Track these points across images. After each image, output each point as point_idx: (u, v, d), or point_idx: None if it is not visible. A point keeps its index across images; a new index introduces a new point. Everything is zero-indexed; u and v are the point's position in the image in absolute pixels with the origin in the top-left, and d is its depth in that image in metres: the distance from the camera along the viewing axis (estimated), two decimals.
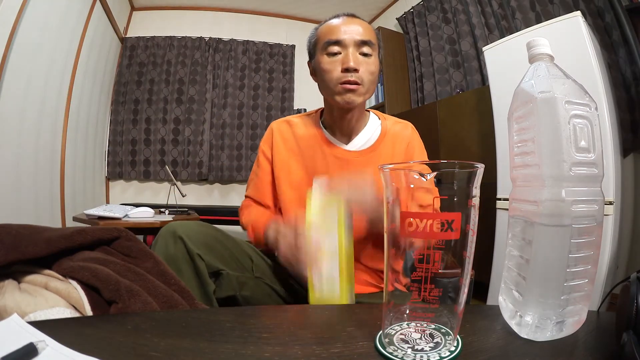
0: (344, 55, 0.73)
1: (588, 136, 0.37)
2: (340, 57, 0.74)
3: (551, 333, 0.37)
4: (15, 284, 0.42)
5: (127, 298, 0.42)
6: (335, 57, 0.74)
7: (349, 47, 0.73)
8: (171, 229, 0.62)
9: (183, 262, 0.60)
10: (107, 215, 1.68)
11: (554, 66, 0.40)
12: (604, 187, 0.42)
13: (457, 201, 0.32)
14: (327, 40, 0.75)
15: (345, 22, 0.76)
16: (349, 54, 0.73)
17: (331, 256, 0.57)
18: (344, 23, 0.75)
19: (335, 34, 0.74)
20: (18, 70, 1.88)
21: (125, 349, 0.32)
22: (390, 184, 0.34)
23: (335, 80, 0.74)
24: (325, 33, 0.76)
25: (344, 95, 0.73)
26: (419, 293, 0.33)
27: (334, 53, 0.74)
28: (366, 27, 0.76)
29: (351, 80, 0.72)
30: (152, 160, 3.41)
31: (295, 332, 0.39)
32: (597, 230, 0.38)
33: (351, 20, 0.76)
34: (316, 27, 0.81)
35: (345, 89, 0.73)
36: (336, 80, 0.74)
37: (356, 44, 0.73)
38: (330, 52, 0.74)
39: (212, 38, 3.57)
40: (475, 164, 0.32)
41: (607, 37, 1.78)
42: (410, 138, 0.83)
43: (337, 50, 0.74)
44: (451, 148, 2.26)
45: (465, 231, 0.32)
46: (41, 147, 2.19)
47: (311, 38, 0.82)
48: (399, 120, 0.87)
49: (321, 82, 0.78)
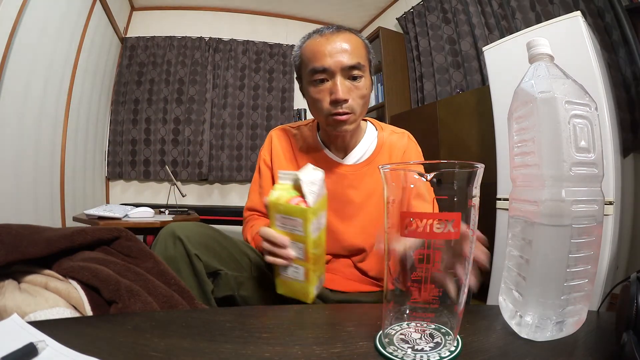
0: (332, 85, 0.68)
1: (588, 136, 0.37)
2: (327, 86, 0.69)
3: (551, 333, 0.37)
4: (15, 284, 0.42)
5: (127, 298, 0.42)
6: (323, 84, 0.69)
7: (337, 74, 0.68)
8: (170, 230, 0.62)
9: (182, 263, 0.61)
10: (107, 215, 1.68)
11: (554, 66, 0.40)
12: (604, 187, 0.42)
13: (457, 201, 0.32)
14: (312, 68, 0.69)
15: (329, 42, 0.68)
16: (337, 84, 0.68)
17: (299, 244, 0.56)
18: (328, 44, 0.68)
19: (319, 60, 0.68)
20: (18, 70, 1.88)
21: (125, 349, 0.32)
22: (389, 184, 0.34)
23: (325, 112, 0.70)
24: (310, 58, 0.70)
25: (335, 126, 0.71)
26: (419, 293, 0.33)
27: (320, 80, 0.69)
28: (354, 44, 0.70)
29: (341, 111, 0.69)
30: (152, 160, 3.41)
31: (295, 332, 0.39)
32: (597, 230, 0.38)
33: (336, 38, 0.69)
34: (299, 45, 0.74)
35: (336, 120, 0.70)
36: (326, 112, 0.70)
37: (344, 69, 0.68)
38: (316, 80, 0.69)
39: (212, 38, 3.57)
40: (475, 164, 0.32)
41: (607, 37, 1.78)
42: (406, 147, 0.82)
43: (324, 77, 0.69)
44: (451, 148, 2.26)
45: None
46: (41, 147, 2.19)
47: (295, 59, 0.76)
48: (396, 130, 0.85)
49: (311, 108, 0.75)
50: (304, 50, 0.72)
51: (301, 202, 0.54)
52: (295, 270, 0.58)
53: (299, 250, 0.56)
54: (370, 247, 0.77)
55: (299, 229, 0.54)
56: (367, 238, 0.76)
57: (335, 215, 0.76)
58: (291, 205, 0.54)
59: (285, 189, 0.56)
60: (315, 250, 0.56)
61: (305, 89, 0.73)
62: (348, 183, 0.77)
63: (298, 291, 0.59)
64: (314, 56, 0.69)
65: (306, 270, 0.57)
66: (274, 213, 0.56)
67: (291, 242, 0.56)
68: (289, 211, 0.55)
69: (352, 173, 0.78)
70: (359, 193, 0.77)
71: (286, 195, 0.55)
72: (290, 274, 0.58)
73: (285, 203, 0.55)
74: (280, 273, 0.60)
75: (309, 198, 0.53)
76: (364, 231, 0.76)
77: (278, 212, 0.56)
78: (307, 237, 0.54)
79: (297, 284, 0.58)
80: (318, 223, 0.57)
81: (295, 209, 0.54)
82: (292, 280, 0.59)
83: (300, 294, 0.59)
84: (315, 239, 0.56)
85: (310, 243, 0.55)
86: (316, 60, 0.68)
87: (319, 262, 0.60)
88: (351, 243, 0.77)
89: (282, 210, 0.55)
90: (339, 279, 0.77)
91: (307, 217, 0.53)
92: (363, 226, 0.76)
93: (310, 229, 0.54)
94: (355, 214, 0.77)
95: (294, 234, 0.55)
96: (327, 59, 0.67)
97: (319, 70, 0.68)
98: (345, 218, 0.77)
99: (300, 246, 0.56)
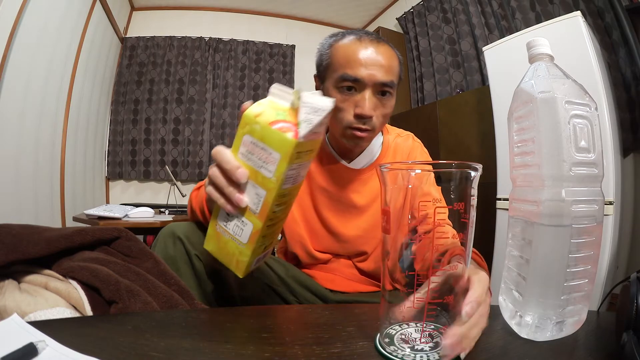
0: (360, 99, 0.64)
1: (588, 136, 0.37)
2: (354, 97, 0.65)
3: (551, 333, 0.37)
4: (15, 284, 0.42)
5: (127, 298, 0.42)
6: (350, 93, 0.65)
7: (367, 88, 0.64)
8: (170, 230, 0.62)
9: (182, 263, 0.60)
10: (107, 215, 1.68)
11: (554, 66, 0.40)
12: (604, 187, 0.42)
13: (455, 201, 0.32)
14: (343, 74, 0.64)
15: (367, 52, 0.64)
16: (365, 99, 0.63)
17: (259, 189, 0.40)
18: (366, 54, 0.63)
19: (353, 69, 0.63)
20: (18, 70, 1.88)
21: (125, 349, 0.32)
22: (388, 184, 0.34)
23: (346, 123, 0.66)
24: (342, 62, 0.65)
25: (351, 140, 0.68)
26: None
27: (348, 88, 0.64)
28: (391, 60, 0.65)
29: (362, 127, 0.65)
30: (152, 160, 3.41)
31: (295, 332, 0.39)
32: (597, 230, 0.38)
33: (376, 49, 0.64)
34: (330, 43, 0.69)
35: (354, 135, 0.66)
36: (346, 124, 0.66)
37: (376, 85, 0.64)
38: (343, 87, 0.65)
39: (212, 38, 3.57)
40: (473, 164, 0.32)
41: (607, 37, 1.78)
42: (411, 148, 0.81)
43: (353, 86, 0.64)
44: (451, 148, 2.26)
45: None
46: (41, 147, 2.19)
47: (323, 57, 0.69)
48: (401, 132, 0.84)
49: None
50: (336, 51, 0.67)
51: (288, 129, 0.38)
52: (239, 224, 0.42)
53: (256, 199, 0.40)
54: (372, 249, 0.77)
55: (270, 167, 0.38)
56: (369, 241, 0.76)
57: (339, 218, 0.76)
58: (272, 130, 0.38)
59: (273, 108, 0.40)
60: (277, 207, 0.41)
61: (327, 91, 0.68)
62: (353, 187, 0.77)
63: (230, 255, 0.44)
64: (347, 62, 0.64)
65: (254, 231, 0.41)
66: (244, 132, 0.40)
67: (250, 183, 0.40)
68: (265, 136, 0.38)
69: (357, 177, 0.77)
70: (363, 197, 0.77)
71: (272, 114, 0.39)
72: (231, 227, 0.42)
73: (264, 123, 0.38)
74: (217, 221, 0.44)
75: (302, 127, 0.37)
76: (367, 234, 0.76)
77: (250, 132, 0.39)
78: (276, 182, 0.38)
79: (234, 245, 0.43)
80: (297, 171, 0.41)
81: (276, 136, 0.37)
82: (229, 238, 0.43)
83: (232, 261, 0.44)
84: (284, 190, 0.40)
85: (276, 193, 0.39)
86: (349, 67, 0.64)
87: (275, 228, 0.44)
88: (354, 245, 0.77)
89: (256, 132, 0.39)
90: (339, 279, 0.77)
91: (288, 152, 0.37)
92: (366, 229, 0.76)
93: (284, 172, 0.38)
94: (358, 217, 0.77)
95: (259, 173, 0.39)
96: (362, 69, 0.63)
97: (350, 79, 0.64)
98: (349, 221, 0.76)
99: (260, 193, 0.40)
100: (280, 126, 0.38)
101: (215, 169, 0.42)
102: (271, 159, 0.38)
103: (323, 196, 0.76)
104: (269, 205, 0.39)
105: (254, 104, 0.40)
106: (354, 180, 0.77)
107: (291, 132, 0.37)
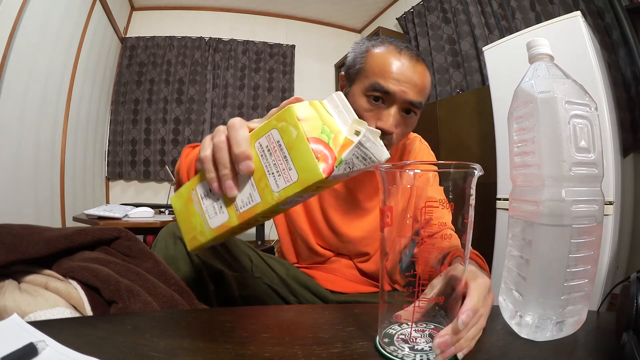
0: (385, 113, 0.63)
1: (588, 136, 0.37)
2: (379, 109, 0.64)
3: (551, 333, 0.37)
4: (15, 284, 0.42)
5: (127, 298, 0.42)
6: (376, 104, 0.64)
7: (395, 104, 0.63)
8: (170, 230, 0.62)
9: (182, 263, 0.60)
10: (107, 215, 1.68)
11: (554, 66, 0.40)
12: (604, 187, 0.42)
13: (453, 201, 0.32)
14: (374, 84, 0.62)
15: (404, 67, 0.62)
16: (390, 114, 0.63)
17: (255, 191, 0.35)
18: (402, 69, 0.62)
19: (386, 81, 0.62)
20: (18, 70, 1.88)
21: (125, 349, 0.32)
22: (387, 184, 0.34)
23: None
24: (376, 71, 0.63)
25: None
26: (416, 293, 0.33)
27: (375, 98, 0.63)
28: (425, 81, 0.65)
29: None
30: (152, 160, 3.41)
31: (295, 332, 0.39)
32: (597, 230, 0.38)
33: (412, 67, 0.63)
34: (367, 48, 0.66)
35: None
36: None
37: (404, 103, 0.63)
38: (371, 96, 0.63)
39: (212, 38, 3.57)
40: (472, 164, 0.32)
41: (607, 37, 1.78)
42: (418, 151, 0.81)
43: (381, 97, 0.63)
44: (451, 148, 2.26)
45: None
46: (41, 147, 2.19)
47: (357, 59, 0.67)
48: (409, 135, 0.83)
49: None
50: (372, 58, 0.65)
51: (324, 159, 0.31)
52: (216, 208, 0.37)
53: (246, 200, 0.35)
54: (374, 251, 0.77)
55: (279, 181, 0.33)
56: (372, 242, 0.76)
57: (343, 218, 0.76)
58: (307, 147, 0.31)
59: (323, 120, 0.33)
60: (262, 217, 0.37)
61: (353, 94, 0.66)
62: (360, 187, 0.77)
63: (191, 227, 0.40)
64: (381, 72, 0.63)
65: (227, 224, 0.37)
66: (276, 126, 0.33)
67: (250, 180, 0.35)
68: (296, 148, 0.32)
69: (365, 178, 0.77)
70: (369, 198, 0.77)
71: (316, 127, 0.32)
72: (206, 204, 0.38)
73: (303, 134, 0.31)
74: (196, 187, 0.39)
75: (340, 167, 0.32)
76: (371, 235, 0.76)
77: (282, 132, 0.33)
78: (277, 200, 0.33)
79: (200, 221, 0.39)
80: (304, 198, 0.36)
81: (306, 158, 0.31)
82: (198, 211, 0.39)
83: (189, 231, 0.40)
84: (279, 209, 0.35)
85: (269, 209, 0.34)
86: (382, 78, 0.62)
87: (249, 228, 0.39)
88: (356, 246, 0.77)
89: (289, 136, 0.32)
90: (339, 279, 0.77)
91: (309, 182, 0.31)
92: (370, 231, 0.76)
93: (291, 196, 0.33)
94: (363, 218, 0.77)
95: (265, 179, 0.34)
96: (395, 84, 0.62)
97: (381, 90, 0.62)
98: (353, 221, 0.77)
99: (254, 198, 0.35)
100: (318, 149, 0.31)
101: (224, 139, 0.36)
102: (286, 175, 0.32)
103: (330, 195, 0.76)
104: (255, 213, 0.35)
105: (304, 102, 0.34)
106: (361, 180, 0.77)
107: (325, 164, 0.31)
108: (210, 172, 0.36)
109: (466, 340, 0.32)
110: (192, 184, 0.40)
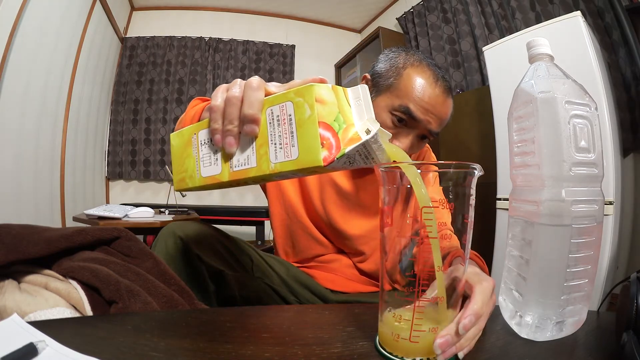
0: (404, 135, 0.65)
1: (588, 136, 0.37)
2: (399, 130, 0.65)
3: (551, 333, 0.37)
4: (15, 284, 0.42)
5: (127, 298, 0.42)
6: (399, 124, 0.65)
7: (417, 129, 0.65)
8: (171, 230, 0.62)
9: (182, 262, 0.60)
10: (107, 215, 1.68)
11: (554, 66, 0.40)
12: (604, 187, 0.42)
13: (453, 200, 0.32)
14: (405, 107, 0.63)
15: (434, 98, 0.64)
16: (408, 138, 0.65)
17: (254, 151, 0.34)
18: (432, 99, 0.64)
19: (414, 106, 0.63)
20: (18, 70, 1.88)
21: (125, 349, 0.32)
22: (387, 184, 0.34)
23: None
24: (409, 94, 0.64)
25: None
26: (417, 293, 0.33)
27: (399, 119, 0.65)
28: (448, 114, 0.68)
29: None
30: (152, 160, 3.41)
31: (295, 332, 0.39)
32: (597, 230, 0.38)
33: (444, 101, 0.65)
34: (405, 64, 0.66)
35: None
36: None
37: (426, 129, 0.65)
38: (396, 116, 0.65)
39: (212, 38, 3.57)
40: (471, 164, 0.32)
41: (607, 37, 1.78)
42: (420, 152, 0.81)
43: (405, 119, 0.64)
44: (451, 148, 2.26)
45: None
46: (41, 147, 2.19)
47: (391, 72, 0.67)
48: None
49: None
50: (408, 79, 0.65)
51: (328, 146, 0.30)
52: (211, 158, 0.37)
53: (242, 160, 0.35)
54: (371, 251, 0.77)
55: (279, 154, 0.32)
56: (369, 242, 0.76)
57: (343, 214, 0.76)
58: (315, 130, 0.30)
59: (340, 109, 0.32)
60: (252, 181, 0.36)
61: (377, 104, 0.67)
62: (362, 185, 0.77)
63: (183, 168, 0.40)
64: (414, 98, 0.63)
65: (217, 177, 0.37)
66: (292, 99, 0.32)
67: (251, 144, 0.34)
68: (304, 127, 0.31)
69: (367, 176, 0.77)
70: (370, 196, 0.77)
71: (331, 114, 0.31)
72: (203, 151, 0.38)
73: (315, 116, 0.30)
74: (198, 133, 0.39)
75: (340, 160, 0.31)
76: (369, 234, 0.76)
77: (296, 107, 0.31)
78: (271, 171, 0.33)
79: (192, 165, 0.39)
80: (296, 175, 0.36)
81: (310, 141, 0.31)
82: (194, 155, 0.39)
83: (179, 171, 0.41)
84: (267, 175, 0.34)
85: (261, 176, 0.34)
86: (411, 102, 0.63)
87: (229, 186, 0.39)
88: (353, 244, 0.77)
89: (301, 113, 0.31)
90: (339, 279, 0.77)
91: (306, 164, 0.31)
92: (368, 229, 0.76)
93: (286, 172, 0.32)
94: (362, 216, 0.77)
95: (266, 147, 0.33)
96: (422, 112, 0.63)
97: (409, 115, 0.63)
98: (353, 219, 0.77)
99: (250, 160, 0.34)
100: (326, 136, 0.30)
101: (239, 95, 0.35)
102: (287, 150, 0.32)
103: (332, 191, 0.76)
104: (247, 176, 0.35)
105: (327, 84, 0.32)
106: (364, 178, 0.77)
107: (328, 152, 0.30)
108: (217, 122, 0.36)
109: (467, 339, 0.32)
110: (195, 128, 0.40)
